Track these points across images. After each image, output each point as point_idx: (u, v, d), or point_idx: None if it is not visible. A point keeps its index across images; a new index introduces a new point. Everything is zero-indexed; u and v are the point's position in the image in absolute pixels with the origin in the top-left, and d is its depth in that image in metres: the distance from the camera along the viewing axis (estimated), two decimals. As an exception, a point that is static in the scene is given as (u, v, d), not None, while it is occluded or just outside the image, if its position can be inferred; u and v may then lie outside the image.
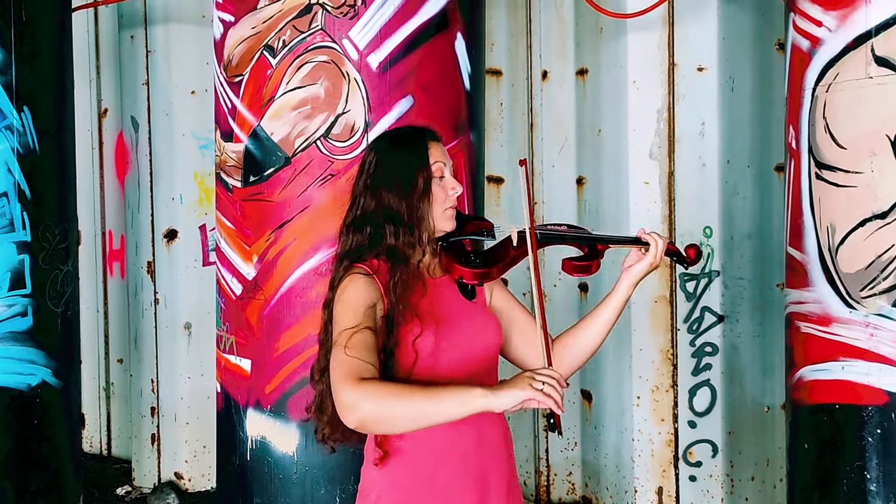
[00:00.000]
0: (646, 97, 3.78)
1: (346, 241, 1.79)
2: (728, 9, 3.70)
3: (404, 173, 1.75)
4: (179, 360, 4.58)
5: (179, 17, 4.51)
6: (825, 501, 2.38)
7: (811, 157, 2.42)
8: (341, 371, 1.58)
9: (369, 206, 1.76)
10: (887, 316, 2.20)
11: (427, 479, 1.74)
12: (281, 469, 2.81)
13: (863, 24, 2.25)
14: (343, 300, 1.69)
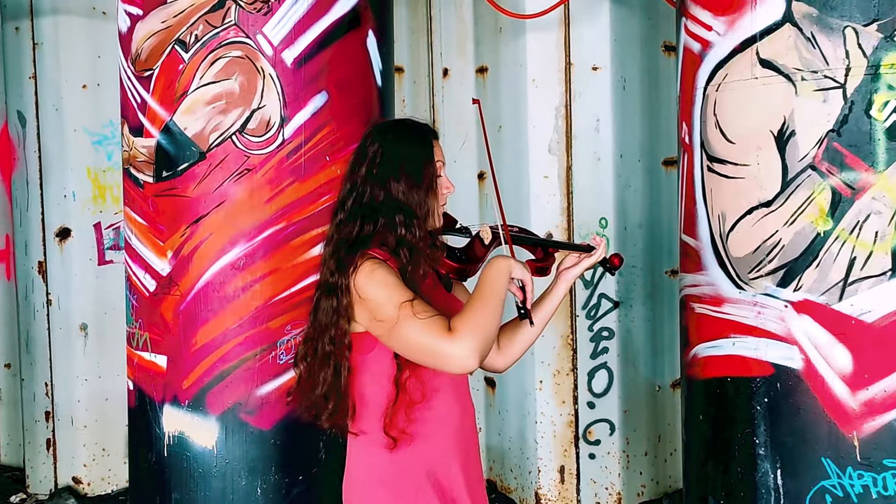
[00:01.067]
0: (544, 95, 3.95)
1: (350, 227, 1.79)
2: (619, 12, 3.92)
3: (414, 166, 1.80)
4: (76, 363, 4.44)
5: (68, 9, 4.37)
6: (718, 468, 2.60)
7: (703, 151, 2.63)
8: (429, 331, 1.66)
9: (378, 196, 1.78)
10: (772, 295, 2.43)
11: (435, 461, 1.82)
12: (200, 463, 2.81)
13: (749, 29, 2.46)
14: (376, 280, 1.72)
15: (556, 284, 2.03)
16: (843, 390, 2.34)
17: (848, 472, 2.32)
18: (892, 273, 2.29)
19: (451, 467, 1.86)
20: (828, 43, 2.32)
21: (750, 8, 2.45)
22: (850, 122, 2.31)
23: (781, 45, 2.39)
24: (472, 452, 1.92)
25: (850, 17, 2.30)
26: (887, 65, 2.27)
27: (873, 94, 2.29)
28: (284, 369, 2.80)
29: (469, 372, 1.71)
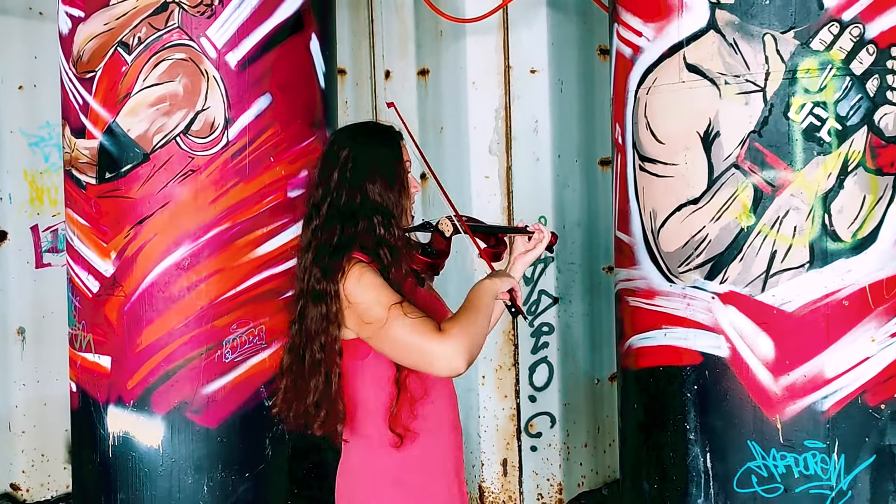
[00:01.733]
0: (484, 97, 4.05)
1: (328, 232, 1.80)
2: (556, 17, 4.04)
3: (387, 167, 1.84)
4: (13, 367, 4.37)
5: (4, 9, 4.30)
6: (652, 454, 2.72)
7: (635, 151, 2.75)
8: (419, 332, 1.70)
9: (355, 199, 1.80)
10: (700, 287, 2.56)
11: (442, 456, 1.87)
12: (146, 463, 2.83)
13: (676, 35, 2.59)
14: (365, 284, 1.74)
15: (512, 269, 2.11)
16: (766, 376, 2.48)
17: (772, 454, 2.47)
18: (810, 265, 2.44)
19: (453, 458, 1.92)
20: (749, 49, 2.46)
21: (677, 15, 2.58)
22: (770, 124, 2.45)
23: (706, 51, 2.52)
24: (461, 442, 1.99)
25: (769, 25, 2.44)
26: (803, 70, 2.42)
27: (791, 97, 2.43)
28: (231, 368, 2.84)
29: (456, 374, 1.74)
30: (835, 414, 2.44)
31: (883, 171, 2.44)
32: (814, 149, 2.43)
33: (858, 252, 2.43)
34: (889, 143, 2.45)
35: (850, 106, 2.41)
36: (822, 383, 2.44)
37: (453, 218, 1.96)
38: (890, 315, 2.47)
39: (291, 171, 2.93)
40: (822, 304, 2.43)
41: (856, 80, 2.41)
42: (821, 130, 2.42)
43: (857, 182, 2.43)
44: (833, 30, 2.40)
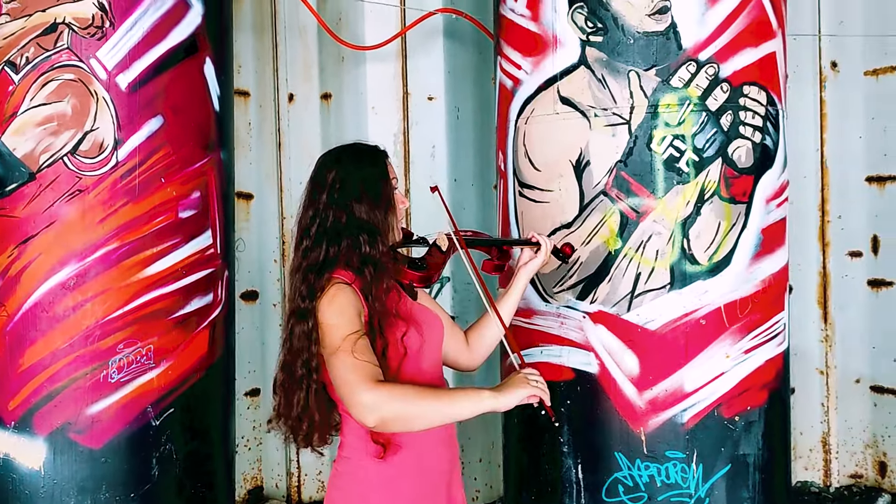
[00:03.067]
0: (383, 122, 4.16)
1: (316, 252, 1.84)
2: (452, 46, 4.19)
3: (373, 186, 1.88)
4: None
5: None
6: (531, 466, 2.84)
7: (515, 178, 2.89)
8: (356, 374, 1.69)
9: (341, 219, 1.84)
10: (573, 307, 2.71)
11: (426, 468, 1.87)
12: (27, 485, 2.80)
13: (551, 69, 2.75)
14: (337, 309, 1.77)
15: (516, 279, 2.18)
16: (631, 391, 2.64)
17: (637, 464, 2.62)
18: (671, 286, 2.61)
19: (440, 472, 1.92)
20: (616, 84, 2.64)
21: (552, 51, 2.74)
22: (635, 154, 2.63)
23: (578, 85, 2.69)
24: (455, 460, 1.99)
25: (633, 63, 2.62)
26: (664, 105, 2.61)
27: (653, 129, 2.62)
28: (117, 388, 2.84)
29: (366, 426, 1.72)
30: (693, 426, 2.61)
31: (736, 199, 2.64)
32: (674, 178, 2.61)
33: (714, 275, 2.62)
34: (742, 173, 2.65)
35: (706, 139, 2.61)
36: (681, 397, 2.61)
37: (451, 234, 2.01)
38: (743, 333, 2.66)
39: (183, 192, 2.97)
40: (682, 323, 2.61)
41: (711, 116, 2.61)
42: (680, 161, 2.61)
43: (712, 209, 2.62)
44: (691, 69, 2.60)
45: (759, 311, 2.68)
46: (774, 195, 2.73)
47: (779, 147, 2.74)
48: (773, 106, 2.71)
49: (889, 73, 4.18)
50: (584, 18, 2.64)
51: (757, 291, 2.67)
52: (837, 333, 4.44)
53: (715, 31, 2.59)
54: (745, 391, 2.66)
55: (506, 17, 2.91)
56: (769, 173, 2.70)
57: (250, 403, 4.42)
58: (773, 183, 2.72)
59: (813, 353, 4.47)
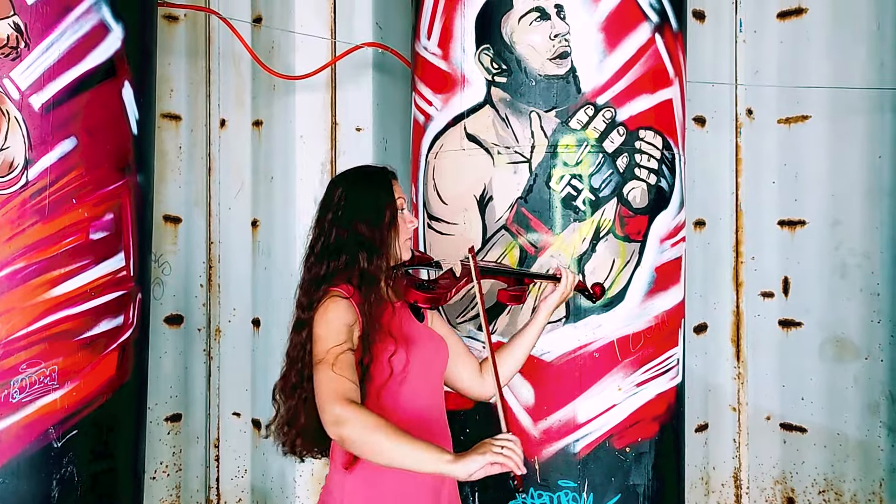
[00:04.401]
0: (311, 150, 4.22)
1: (318, 267, 1.93)
2: (381, 78, 4.28)
3: (374, 207, 1.96)
4: None
5: None
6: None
7: (426, 210, 2.97)
8: (330, 387, 1.74)
9: (343, 236, 1.93)
10: (474, 338, 2.78)
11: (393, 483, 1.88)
12: (-80, 504, 2.76)
13: (459, 106, 2.85)
14: (326, 320, 1.84)
15: (537, 313, 2.21)
16: (527, 420, 2.71)
17: (531, 493, 2.68)
18: (566, 319, 2.70)
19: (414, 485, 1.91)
20: (518, 124, 2.74)
21: (460, 89, 2.84)
22: (535, 192, 2.73)
23: (483, 123, 2.79)
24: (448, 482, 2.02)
25: (535, 104, 2.73)
26: (563, 145, 2.72)
27: (552, 168, 2.72)
28: (18, 408, 2.82)
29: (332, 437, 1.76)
30: (585, 455, 2.69)
31: (630, 238, 2.75)
32: (571, 216, 2.71)
33: (608, 309, 2.72)
34: (636, 213, 2.76)
35: (602, 179, 2.72)
36: (574, 427, 2.69)
37: (468, 260, 2.04)
38: (635, 367, 2.75)
39: (95, 213, 2.99)
40: (576, 356, 2.69)
41: (608, 157, 2.73)
42: (577, 200, 2.71)
43: (607, 247, 2.73)
44: (588, 112, 2.71)
45: (652, 346, 2.78)
46: (669, 235, 2.84)
47: (674, 189, 2.86)
48: (668, 150, 2.83)
49: (800, 121, 4.37)
50: (490, 60, 2.74)
51: (650, 327, 2.77)
52: (749, 371, 4.58)
53: (612, 77, 2.71)
54: (636, 423, 2.74)
55: (419, 54, 3.01)
56: (664, 214, 2.81)
57: (171, 428, 4.40)
58: (668, 223, 2.84)
59: (726, 389, 4.60)
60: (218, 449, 4.53)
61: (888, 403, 4.07)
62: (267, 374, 4.36)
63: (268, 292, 4.38)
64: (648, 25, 2.75)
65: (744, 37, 4.51)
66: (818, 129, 4.28)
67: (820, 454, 4.30)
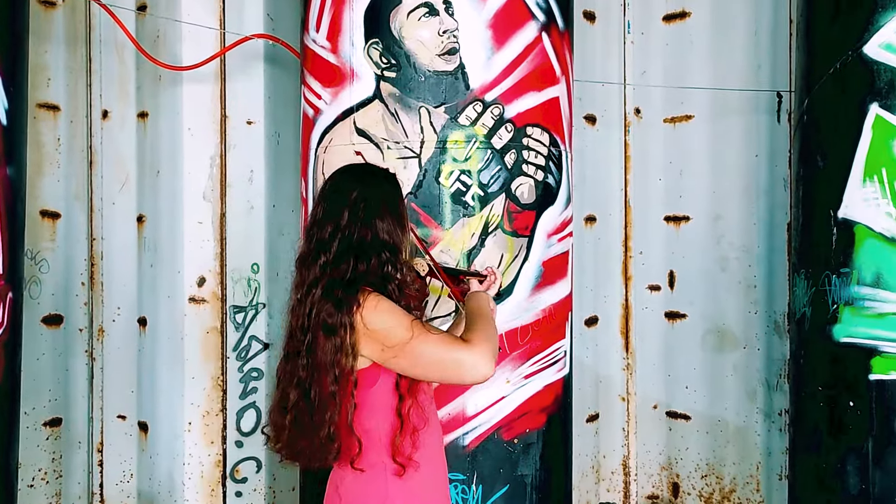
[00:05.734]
0: (200, 144, 4.11)
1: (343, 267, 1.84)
2: (273, 71, 4.20)
3: (394, 206, 1.94)
4: None
5: None
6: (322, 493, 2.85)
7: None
8: (448, 346, 1.80)
9: (366, 236, 1.87)
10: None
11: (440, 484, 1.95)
12: None
13: (348, 101, 2.83)
14: (383, 310, 1.82)
15: None
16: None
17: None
18: (455, 313, 2.72)
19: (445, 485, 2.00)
20: (407, 119, 2.74)
21: (349, 83, 2.82)
22: (424, 187, 2.73)
23: (372, 118, 2.78)
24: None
25: (424, 99, 2.73)
26: (452, 141, 2.73)
27: (441, 164, 2.73)
28: None
29: (484, 379, 1.84)
30: (474, 448, 2.72)
31: (518, 233, 2.79)
32: (460, 211, 2.73)
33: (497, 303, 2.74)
34: (524, 209, 2.81)
35: (490, 175, 2.75)
36: (463, 421, 2.71)
37: (427, 261, 2.11)
38: (523, 359, 2.80)
39: (-40, 207, 2.83)
40: (465, 350, 2.71)
41: (496, 154, 2.76)
42: (466, 195, 2.73)
43: (496, 242, 2.76)
44: (477, 108, 2.74)
45: (540, 339, 2.83)
46: (556, 230, 2.90)
47: (561, 185, 2.92)
48: (556, 147, 2.89)
49: (685, 121, 4.54)
50: (379, 54, 2.73)
51: (538, 320, 2.82)
52: (638, 362, 4.73)
53: (500, 75, 2.74)
54: (524, 414, 2.79)
55: (308, 47, 2.97)
56: (551, 209, 2.87)
57: (50, 433, 4.20)
58: (555, 219, 2.89)
59: (616, 380, 4.74)
60: (101, 454, 4.36)
61: (764, 390, 4.28)
62: (154, 374, 4.22)
63: (154, 290, 4.24)
64: (535, 24, 2.79)
65: (632, 38, 4.65)
66: (701, 128, 4.46)
67: (702, 440, 4.48)
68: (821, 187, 3.00)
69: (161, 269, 4.22)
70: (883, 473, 2.75)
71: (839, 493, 2.86)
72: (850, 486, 2.82)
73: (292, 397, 1.86)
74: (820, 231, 2.96)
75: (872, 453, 2.77)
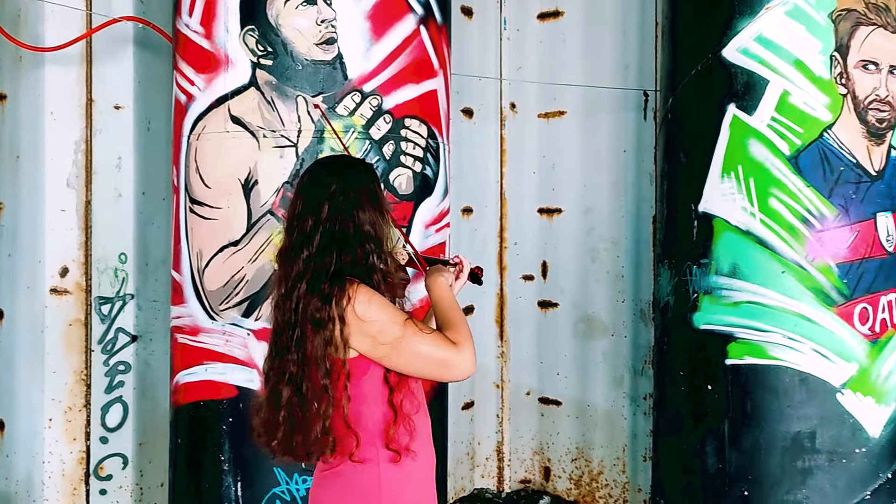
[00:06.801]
0: (63, 128, 3.90)
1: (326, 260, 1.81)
2: (144, 55, 4.05)
3: (374, 196, 1.91)
4: None
5: None
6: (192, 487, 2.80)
7: (187, 194, 2.86)
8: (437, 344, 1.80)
9: (349, 228, 1.84)
10: (238, 324, 2.72)
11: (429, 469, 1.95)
12: None
13: (223, 87, 2.77)
14: (377, 305, 1.80)
15: None
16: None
17: (294, 478, 2.68)
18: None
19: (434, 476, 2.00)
20: (284, 108, 2.71)
21: (224, 69, 2.76)
22: (301, 176, 2.71)
23: (248, 105, 2.73)
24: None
25: (302, 88, 2.71)
26: (329, 131, 2.72)
27: (319, 154, 2.72)
28: None
29: (468, 376, 1.88)
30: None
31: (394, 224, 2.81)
32: (338, 201, 2.72)
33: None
34: (402, 199, 2.83)
35: (368, 166, 2.75)
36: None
37: (407, 249, 2.11)
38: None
39: None
40: (343, 340, 2.71)
41: (375, 144, 2.77)
42: (344, 185, 2.72)
43: (373, 233, 2.77)
44: (356, 99, 2.74)
45: (417, 329, 2.86)
46: (433, 221, 2.94)
47: (438, 177, 2.96)
48: (433, 139, 2.92)
49: (557, 116, 4.69)
50: (255, 41, 2.69)
51: (414, 310, 2.84)
52: (511, 350, 4.86)
53: (379, 66, 2.75)
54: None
55: (181, 31, 2.88)
56: (428, 201, 2.91)
57: None
58: (433, 210, 2.94)
59: (490, 368, 4.86)
60: (-46, 454, 4.09)
61: (630, 376, 4.50)
62: (12, 369, 3.99)
63: (13, 281, 4.00)
64: (414, 17, 2.82)
65: (508, 34, 4.75)
66: (573, 124, 4.61)
67: (573, 425, 4.66)
68: (683, 182, 3.17)
69: (20, 258, 3.99)
70: (738, 453, 2.95)
71: (699, 472, 3.04)
72: (709, 465, 3.01)
73: (285, 394, 1.82)
74: (682, 224, 3.13)
75: (728, 434, 2.97)
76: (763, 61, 2.94)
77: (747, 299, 2.96)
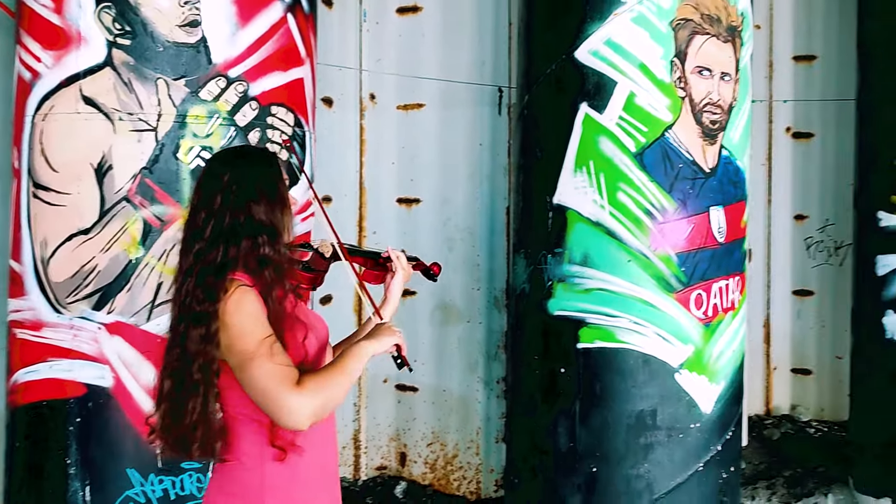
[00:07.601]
0: None
1: (212, 254, 1.75)
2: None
3: (270, 186, 1.83)
4: None
5: None
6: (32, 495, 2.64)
7: (30, 178, 2.68)
8: (278, 379, 1.67)
9: (239, 219, 1.77)
10: (87, 318, 2.59)
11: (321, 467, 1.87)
12: None
13: (74, 66, 2.61)
14: (246, 312, 1.72)
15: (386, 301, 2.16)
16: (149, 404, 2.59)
17: (150, 479, 2.58)
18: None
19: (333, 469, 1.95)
20: (143, 90, 2.60)
21: (75, 47, 2.61)
22: (161, 162, 2.61)
23: (103, 86, 2.60)
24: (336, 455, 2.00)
25: (162, 71, 2.61)
26: (193, 116, 2.64)
27: (181, 139, 2.63)
28: None
29: (296, 430, 1.73)
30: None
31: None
32: (200, 189, 2.64)
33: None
34: (267, 188, 2.78)
35: (233, 153, 2.69)
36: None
37: (334, 243, 2.04)
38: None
39: None
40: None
41: (240, 131, 2.71)
42: (206, 173, 2.65)
43: (237, 221, 2.71)
44: (220, 84, 2.66)
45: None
46: (300, 210, 2.91)
47: (305, 165, 2.93)
48: (300, 127, 2.89)
49: (416, 108, 4.74)
50: (112, 19, 2.56)
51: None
52: (369, 339, 4.88)
53: (245, 52, 2.69)
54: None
55: (27, 4, 2.70)
56: (295, 189, 2.87)
57: None
58: (299, 199, 2.91)
59: (349, 357, 4.84)
60: None
61: (484, 361, 4.64)
62: None
63: None
64: (281, 4, 2.77)
65: (367, 26, 4.75)
66: (431, 116, 4.68)
67: (429, 410, 4.75)
68: (539, 176, 3.30)
69: None
70: (588, 432, 3.12)
71: (551, 451, 3.19)
72: (561, 444, 3.16)
73: (165, 386, 1.80)
74: (538, 215, 3.27)
75: (579, 414, 3.13)
76: (612, 64, 3.11)
77: (598, 286, 3.13)
